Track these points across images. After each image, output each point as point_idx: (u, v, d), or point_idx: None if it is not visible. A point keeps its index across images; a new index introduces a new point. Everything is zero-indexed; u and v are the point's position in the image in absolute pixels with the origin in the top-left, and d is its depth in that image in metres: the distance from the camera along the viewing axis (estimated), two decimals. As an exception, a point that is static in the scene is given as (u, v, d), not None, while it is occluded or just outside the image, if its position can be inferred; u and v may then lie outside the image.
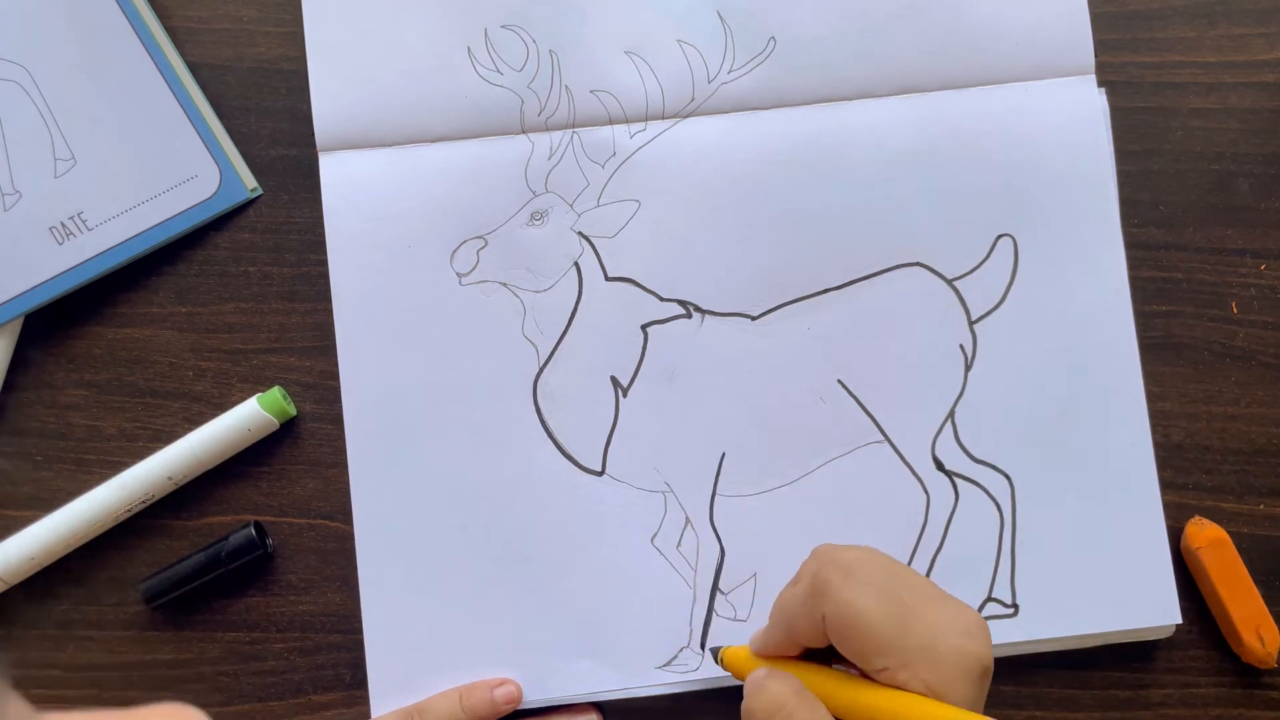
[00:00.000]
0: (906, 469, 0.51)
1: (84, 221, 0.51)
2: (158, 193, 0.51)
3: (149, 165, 0.51)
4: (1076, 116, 0.52)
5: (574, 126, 0.52)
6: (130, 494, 0.50)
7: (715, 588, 0.50)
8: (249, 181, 0.52)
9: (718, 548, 0.50)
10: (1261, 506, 0.52)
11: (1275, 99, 0.54)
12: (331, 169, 0.51)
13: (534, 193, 0.51)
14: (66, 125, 0.51)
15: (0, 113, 0.51)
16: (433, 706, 0.48)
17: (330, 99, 0.51)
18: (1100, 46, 0.53)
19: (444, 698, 0.49)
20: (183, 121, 0.52)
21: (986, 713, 0.40)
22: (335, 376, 0.51)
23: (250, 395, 0.51)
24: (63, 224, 0.51)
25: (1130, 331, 0.52)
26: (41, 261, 0.51)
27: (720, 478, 0.51)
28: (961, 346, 0.51)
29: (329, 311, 0.51)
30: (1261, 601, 0.50)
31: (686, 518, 0.50)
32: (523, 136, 0.51)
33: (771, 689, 0.36)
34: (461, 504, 0.50)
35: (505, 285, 0.51)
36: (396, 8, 0.51)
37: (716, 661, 0.43)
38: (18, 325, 0.51)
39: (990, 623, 0.50)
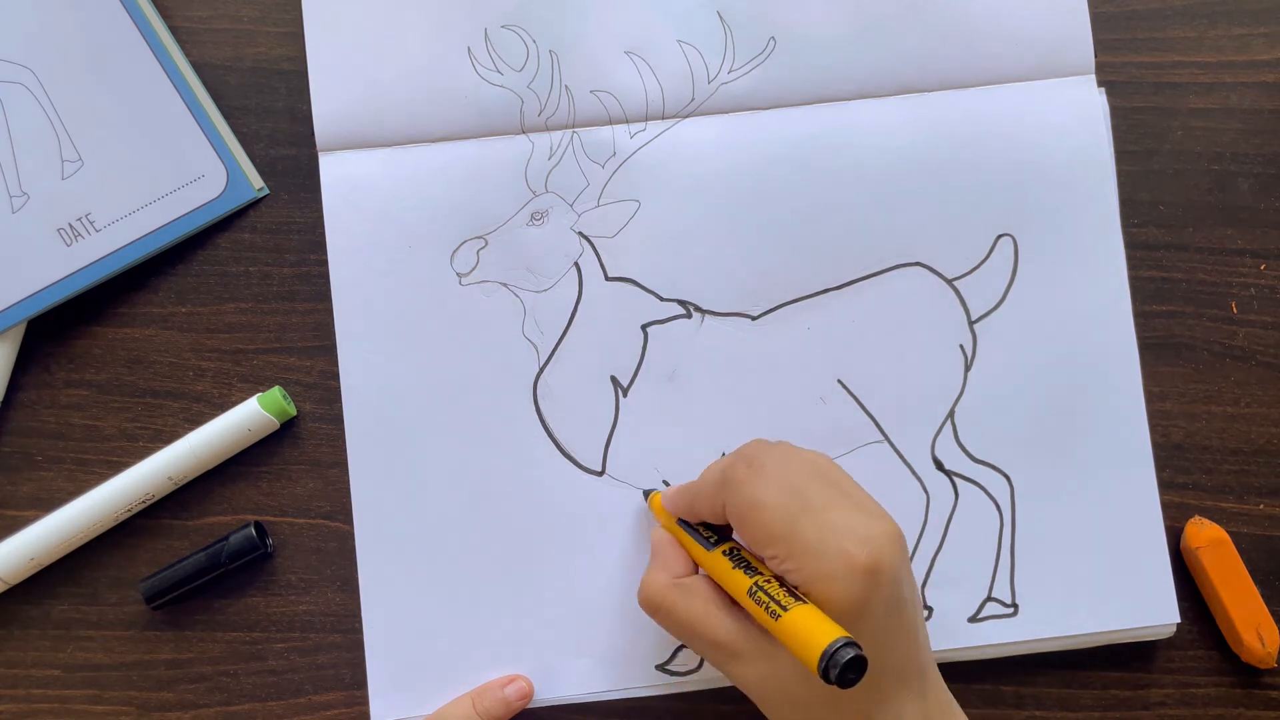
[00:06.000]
0: (906, 469, 0.51)
1: (92, 223, 0.51)
2: (165, 193, 0.51)
3: (156, 166, 0.51)
4: (1076, 116, 0.52)
5: (574, 126, 0.52)
6: (130, 494, 0.50)
7: (715, 588, 0.50)
8: (255, 181, 0.52)
9: (718, 548, 0.50)
10: (1261, 506, 0.52)
11: (1275, 99, 0.54)
12: (331, 169, 0.51)
13: (534, 193, 0.51)
14: (73, 126, 0.51)
15: (7, 115, 0.51)
16: (445, 716, 0.48)
17: (330, 99, 0.51)
18: (1100, 46, 0.53)
19: (456, 705, 0.48)
20: (189, 121, 0.52)
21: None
22: (335, 376, 0.51)
23: (250, 395, 0.51)
24: (71, 225, 0.51)
25: (1130, 331, 0.52)
26: (50, 264, 0.51)
27: (720, 478, 0.51)
28: (961, 346, 0.51)
29: (329, 311, 0.51)
30: (1261, 601, 0.50)
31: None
32: (523, 136, 0.52)
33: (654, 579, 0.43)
34: (461, 504, 0.50)
35: (505, 285, 0.51)
36: (396, 8, 0.51)
37: (645, 499, 0.49)
38: (21, 326, 0.51)
39: (990, 623, 0.50)
